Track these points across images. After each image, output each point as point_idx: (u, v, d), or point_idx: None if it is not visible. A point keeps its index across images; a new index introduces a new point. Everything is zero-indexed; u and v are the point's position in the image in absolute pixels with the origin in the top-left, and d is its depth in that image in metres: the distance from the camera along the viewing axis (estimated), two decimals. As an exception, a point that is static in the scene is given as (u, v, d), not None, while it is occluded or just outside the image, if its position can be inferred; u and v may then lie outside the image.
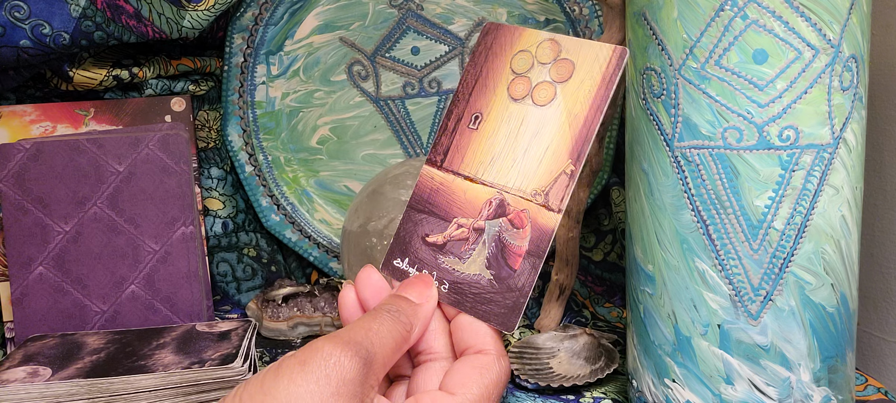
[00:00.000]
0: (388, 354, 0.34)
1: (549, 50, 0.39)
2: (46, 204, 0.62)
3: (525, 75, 0.39)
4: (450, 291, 0.38)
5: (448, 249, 0.39)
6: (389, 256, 0.40)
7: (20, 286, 0.62)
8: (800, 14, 0.39)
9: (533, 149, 0.38)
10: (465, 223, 0.39)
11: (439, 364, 0.37)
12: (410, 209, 0.40)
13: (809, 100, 0.40)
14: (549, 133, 0.38)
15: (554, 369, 0.56)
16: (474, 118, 0.40)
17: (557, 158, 0.37)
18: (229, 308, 0.74)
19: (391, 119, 0.78)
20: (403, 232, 0.40)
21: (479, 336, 0.36)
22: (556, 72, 0.39)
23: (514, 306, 0.37)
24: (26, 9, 0.61)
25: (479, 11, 0.75)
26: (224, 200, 0.79)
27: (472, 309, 0.37)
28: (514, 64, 0.40)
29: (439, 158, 0.40)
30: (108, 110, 0.71)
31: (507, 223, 0.38)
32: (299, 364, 0.30)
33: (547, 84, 0.39)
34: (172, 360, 0.52)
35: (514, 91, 0.39)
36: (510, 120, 0.39)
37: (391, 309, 0.35)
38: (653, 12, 0.43)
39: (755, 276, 0.42)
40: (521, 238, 0.37)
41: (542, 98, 0.39)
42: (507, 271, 0.37)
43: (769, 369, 0.42)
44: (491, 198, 0.38)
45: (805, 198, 0.41)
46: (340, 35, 0.76)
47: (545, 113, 0.38)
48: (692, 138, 0.42)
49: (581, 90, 0.38)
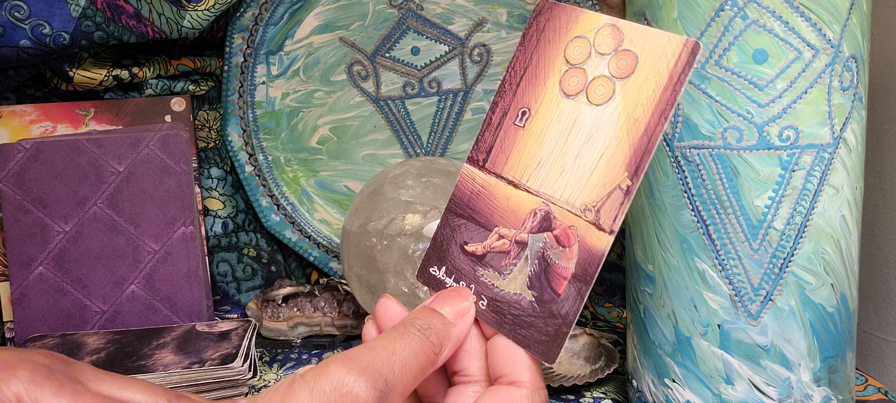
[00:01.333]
0: (410, 380, 0.31)
1: (609, 38, 0.34)
2: (46, 204, 0.62)
3: (580, 67, 0.34)
4: (488, 309, 0.34)
5: (488, 261, 0.35)
6: (426, 263, 0.37)
7: (20, 286, 0.62)
8: (800, 14, 0.39)
9: (585, 156, 0.33)
10: (507, 234, 0.35)
11: (473, 389, 0.34)
12: (449, 212, 0.37)
13: (809, 100, 0.40)
14: (605, 139, 0.33)
15: (554, 369, 0.56)
16: (521, 114, 0.36)
17: (612, 170, 0.33)
18: (229, 308, 0.74)
19: (391, 119, 0.78)
20: (441, 238, 0.37)
21: (515, 364, 0.33)
22: (617, 66, 0.33)
23: (556, 335, 0.33)
24: (26, 9, 0.61)
25: (479, 11, 0.75)
26: (224, 200, 0.79)
27: (511, 331, 0.33)
28: (569, 52, 0.35)
29: (481, 157, 0.36)
30: (108, 110, 0.71)
31: (552, 239, 0.34)
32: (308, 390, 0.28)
33: (605, 79, 0.34)
34: (172, 360, 0.52)
35: (567, 85, 0.34)
36: (561, 119, 0.34)
37: (421, 326, 0.32)
38: (653, 12, 0.43)
39: (755, 276, 0.42)
40: (567, 258, 0.33)
41: (599, 96, 0.34)
42: (550, 294, 0.33)
43: (769, 369, 0.42)
44: (536, 208, 0.34)
45: (805, 198, 0.41)
46: (340, 35, 0.76)
47: (601, 114, 0.33)
48: (692, 138, 0.42)
49: (644, 89, 0.33)
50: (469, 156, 0.37)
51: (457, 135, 0.78)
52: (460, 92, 0.77)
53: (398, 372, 0.30)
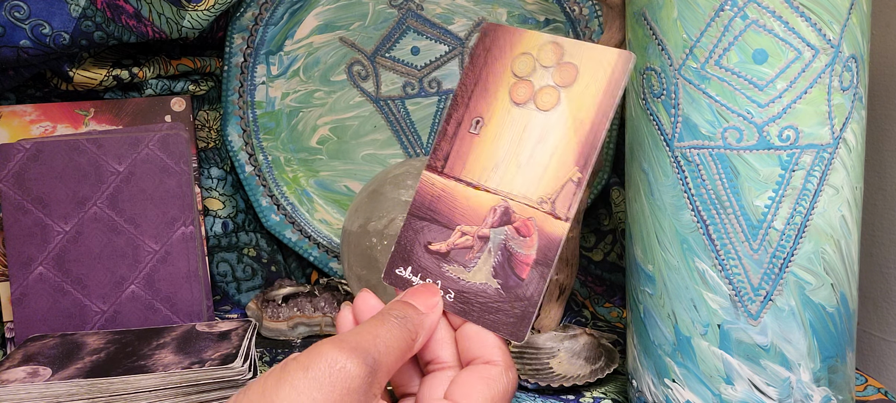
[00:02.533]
0: (393, 362, 0.33)
1: (551, 53, 0.38)
2: (46, 204, 0.62)
3: (527, 79, 0.38)
4: (455, 300, 0.37)
5: (452, 257, 0.38)
6: (391, 265, 0.39)
7: (20, 286, 0.62)
8: (800, 14, 0.39)
9: (537, 156, 0.37)
10: (469, 231, 0.38)
11: (446, 374, 0.36)
12: (411, 216, 0.39)
13: (809, 100, 0.40)
14: (554, 139, 0.37)
15: (554, 369, 0.56)
16: (475, 122, 0.39)
17: (563, 165, 0.36)
18: (229, 308, 0.74)
19: (391, 119, 0.78)
20: (405, 241, 0.39)
21: (486, 346, 0.35)
22: (560, 77, 0.37)
23: (523, 316, 0.36)
24: (26, 9, 0.61)
25: (479, 11, 0.75)
26: (224, 200, 0.79)
27: (479, 318, 0.36)
28: (516, 67, 0.38)
29: (440, 164, 0.39)
30: (108, 110, 0.71)
31: (512, 231, 0.37)
32: (302, 370, 0.30)
33: (550, 88, 0.37)
34: (172, 360, 0.52)
35: (516, 95, 0.38)
36: (513, 125, 0.38)
37: (398, 315, 0.35)
38: (653, 12, 0.43)
39: (755, 276, 0.42)
40: (527, 246, 0.36)
41: (546, 103, 0.37)
42: (514, 280, 0.36)
43: (769, 369, 0.42)
44: (495, 205, 0.37)
45: (805, 198, 0.41)
46: (340, 35, 0.76)
47: (549, 118, 0.37)
48: (692, 138, 0.42)
49: (586, 95, 0.36)
50: (427, 164, 0.40)
51: (457, 135, 0.78)
52: (460, 92, 0.77)
53: (383, 352, 0.32)
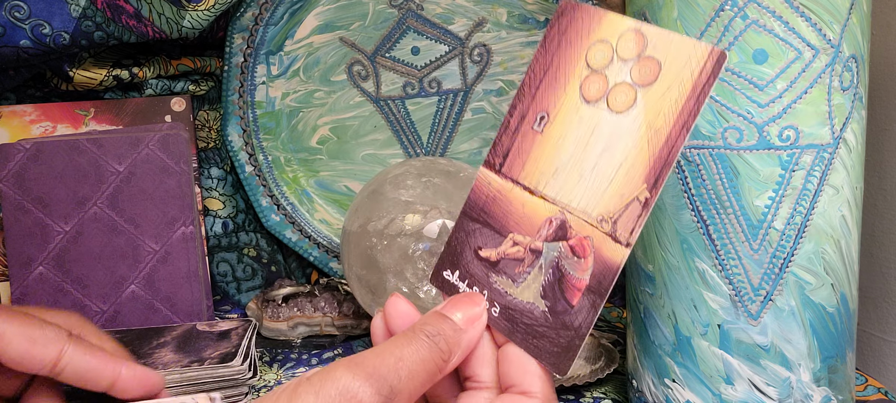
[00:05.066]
0: (417, 386, 0.30)
1: (632, 42, 0.33)
2: (46, 204, 0.62)
3: (602, 72, 0.33)
4: (501, 316, 0.34)
5: (501, 268, 0.34)
6: (439, 266, 0.37)
7: (20, 286, 0.62)
8: (800, 14, 0.39)
9: (603, 165, 0.33)
10: (522, 241, 0.34)
11: (484, 395, 0.33)
12: (464, 216, 0.36)
13: (809, 100, 0.40)
14: (624, 148, 0.32)
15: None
16: (540, 118, 0.35)
17: (631, 180, 0.32)
18: (229, 308, 0.74)
19: (391, 119, 0.78)
20: (455, 242, 0.36)
21: (526, 375, 0.32)
22: (639, 73, 0.32)
23: (569, 347, 0.32)
24: (26, 9, 0.61)
25: (479, 11, 0.75)
26: (224, 200, 0.79)
27: (524, 341, 0.33)
28: (591, 56, 0.34)
29: (498, 161, 0.36)
30: (108, 110, 0.71)
31: (567, 248, 0.33)
32: (313, 394, 0.28)
33: (627, 86, 0.33)
34: (172, 359, 0.52)
35: (587, 90, 0.34)
36: (580, 126, 0.33)
37: (430, 333, 0.32)
38: (653, 12, 0.43)
39: (755, 276, 0.42)
40: (581, 269, 0.32)
41: (620, 103, 0.33)
42: (563, 305, 0.33)
43: (769, 369, 0.42)
44: (551, 216, 0.34)
45: (805, 198, 0.41)
46: (340, 35, 0.76)
47: (621, 122, 0.32)
48: (692, 138, 0.42)
49: (666, 98, 0.31)
50: (486, 159, 0.36)
51: (457, 135, 0.78)
52: (460, 92, 0.77)
53: (405, 378, 0.30)
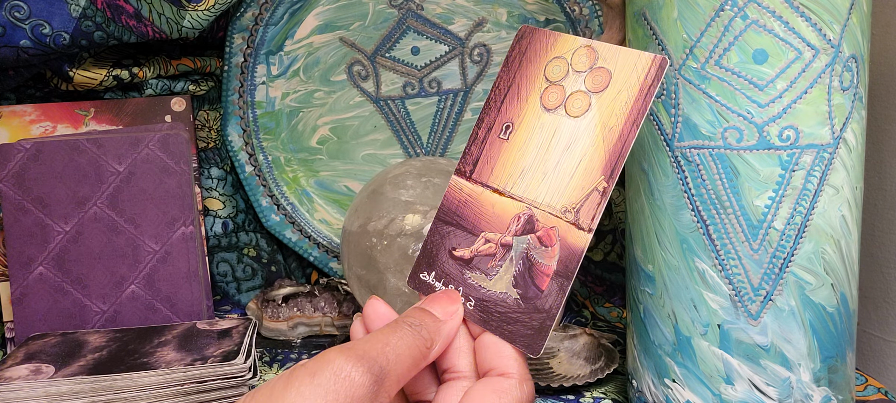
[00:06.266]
0: (404, 371, 0.33)
1: (585, 57, 0.37)
2: (46, 204, 0.62)
3: (559, 84, 0.38)
4: (476, 309, 0.37)
5: (475, 264, 0.38)
6: (416, 269, 0.39)
7: (20, 286, 0.62)
8: (800, 14, 0.39)
9: (564, 163, 0.36)
10: (493, 238, 0.37)
11: (462, 384, 0.36)
12: (438, 221, 0.39)
13: (809, 100, 0.40)
14: (582, 146, 0.36)
15: (554, 369, 0.56)
16: (505, 127, 0.39)
17: (590, 174, 0.36)
18: (229, 308, 0.74)
19: (391, 119, 0.78)
20: (430, 245, 0.39)
21: (502, 357, 0.35)
22: (592, 82, 0.37)
23: (541, 328, 0.35)
24: (26, 9, 0.61)
25: (479, 11, 0.75)
26: (224, 200, 0.79)
27: (498, 328, 0.36)
28: (549, 71, 0.38)
29: (468, 169, 0.39)
30: (108, 110, 0.71)
31: (535, 240, 0.36)
32: (309, 376, 0.30)
33: (582, 94, 0.37)
34: (174, 357, 0.52)
35: (547, 100, 0.38)
36: (542, 131, 0.37)
37: (413, 323, 0.34)
38: (653, 12, 0.43)
39: (755, 276, 0.42)
40: (549, 257, 0.36)
41: (577, 109, 0.37)
42: (534, 291, 0.36)
43: (769, 369, 0.42)
44: (519, 213, 0.37)
45: (805, 198, 0.41)
46: (340, 35, 0.76)
47: (579, 125, 0.37)
48: (692, 138, 0.42)
49: (617, 101, 0.36)
50: (457, 168, 0.40)
51: (457, 135, 0.78)
52: (460, 92, 0.77)
53: (392, 361, 0.32)
